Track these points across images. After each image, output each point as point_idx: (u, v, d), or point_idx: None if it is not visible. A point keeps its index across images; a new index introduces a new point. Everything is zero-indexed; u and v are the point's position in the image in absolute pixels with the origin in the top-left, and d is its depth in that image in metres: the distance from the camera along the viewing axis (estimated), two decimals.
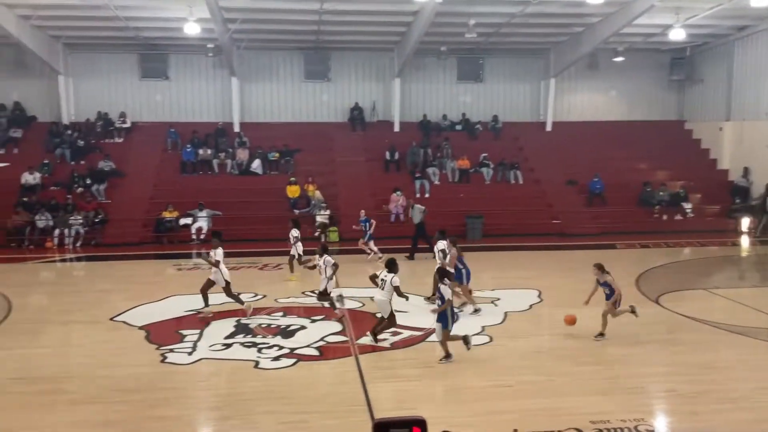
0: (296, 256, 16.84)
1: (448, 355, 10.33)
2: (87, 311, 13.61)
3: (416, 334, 11.89)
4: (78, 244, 21.44)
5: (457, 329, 10.55)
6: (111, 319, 12.99)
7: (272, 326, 12.43)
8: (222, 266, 13.09)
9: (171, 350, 11.12)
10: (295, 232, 17.01)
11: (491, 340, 11.59)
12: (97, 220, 22.02)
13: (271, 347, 11.24)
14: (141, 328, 12.38)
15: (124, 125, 26.34)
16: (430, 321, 12.39)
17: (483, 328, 12.19)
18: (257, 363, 10.54)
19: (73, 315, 13.41)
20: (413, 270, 17.22)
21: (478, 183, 25.84)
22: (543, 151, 27.13)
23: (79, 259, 20.16)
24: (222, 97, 27.43)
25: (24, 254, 20.18)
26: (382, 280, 11.16)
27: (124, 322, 12.78)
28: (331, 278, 12.76)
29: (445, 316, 10.28)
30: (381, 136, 27.14)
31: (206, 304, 13.15)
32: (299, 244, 16.93)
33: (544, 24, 24.30)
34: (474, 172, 26.05)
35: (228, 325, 12.57)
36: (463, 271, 13.43)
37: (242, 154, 25.62)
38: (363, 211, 20.19)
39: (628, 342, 11.36)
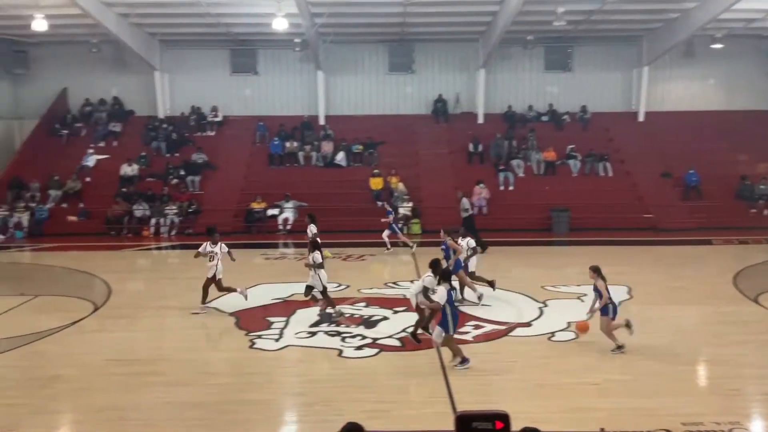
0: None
1: (463, 360, 9.71)
2: (180, 297, 14.20)
3: (499, 328, 11.76)
4: (172, 233, 22.41)
5: (542, 325, 10.32)
6: (192, 312, 13.47)
7: (355, 316, 12.59)
8: (219, 261, 13.13)
9: (259, 336, 11.46)
10: (314, 228, 17.03)
11: (577, 336, 11.30)
12: (190, 210, 22.95)
13: (354, 336, 11.39)
14: (231, 314, 12.82)
15: (216, 119, 27.26)
16: (514, 315, 12.24)
17: (568, 324, 11.91)
18: (341, 351, 10.71)
19: (167, 301, 14.04)
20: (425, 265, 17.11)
21: (564, 175, 25.20)
22: (634, 142, 26.14)
23: (173, 248, 21.05)
24: (308, 90, 27.91)
25: (122, 242, 21.26)
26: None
27: (216, 309, 13.26)
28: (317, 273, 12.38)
29: (445, 320, 9.70)
30: (464, 127, 26.91)
31: (203, 301, 13.10)
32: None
33: (636, 10, 23.37)
34: (560, 164, 25.42)
35: (313, 313, 12.82)
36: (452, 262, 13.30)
37: (327, 147, 26.02)
38: (385, 203, 20.58)
39: (723, 342, 10.83)
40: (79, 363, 10.35)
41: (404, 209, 22.93)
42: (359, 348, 10.85)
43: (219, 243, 13.34)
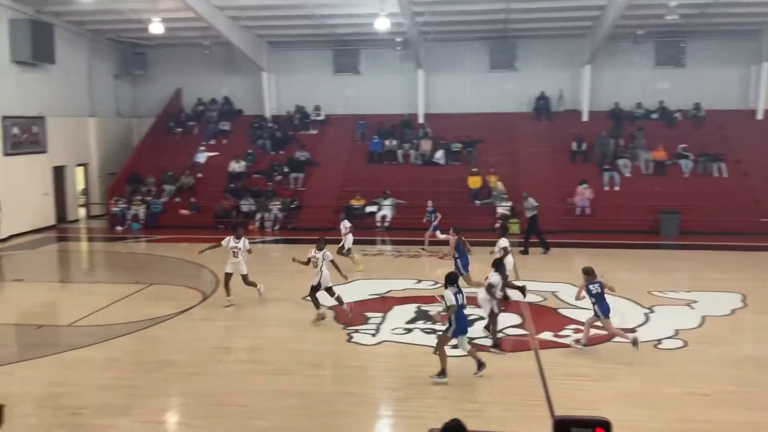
0: (343, 248, 16.59)
1: (441, 372, 9.28)
2: (282, 290, 14.67)
3: (601, 333, 11.39)
4: (276, 228, 23.17)
5: (647, 331, 9.93)
6: (303, 298, 13.88)
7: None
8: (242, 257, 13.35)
9: (356, 331, 11.67)
10: (347, 223, 16.86)
11: (685, 344, 10.79)
12: (293, 206, 23.64)
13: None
14: (329, 308, 13.12)
15: (319, 118, 27.92)
16: (617, 320, 11.84)
17: (676, 331, 11.38)
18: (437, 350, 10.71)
19: (269, 293, 14.50)
20: (524, 264, 16.66)
21: (675, 176, 24.01)
22: (752, 142, 24.53)
23: (276, 242, 21.74)
24: (408, 89, 28.06)
25: (229, 235, 22.14)
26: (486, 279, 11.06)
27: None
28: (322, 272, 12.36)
29: (451, 324, 9.40)
30: (567, 125, 26.19)
31: (228, 294, 13.33)
32: (350, 236, 16.76)
33: (756, 2, 21.91)
34: (671, 164, 24.24)
35: (409, 310, 12.92)
36: (459, 261, 13.61)
37: (426, 145, 26.08)
38: (430, 201, 19.89)
39: None
40: (188, 349, 10.92)
41: (503, 208, 22.62)
42: (455, 347, 10.81)
43: (242, 239, 13.64)
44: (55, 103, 24.15)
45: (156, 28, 22.70)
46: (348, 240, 16.82)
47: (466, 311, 11.79)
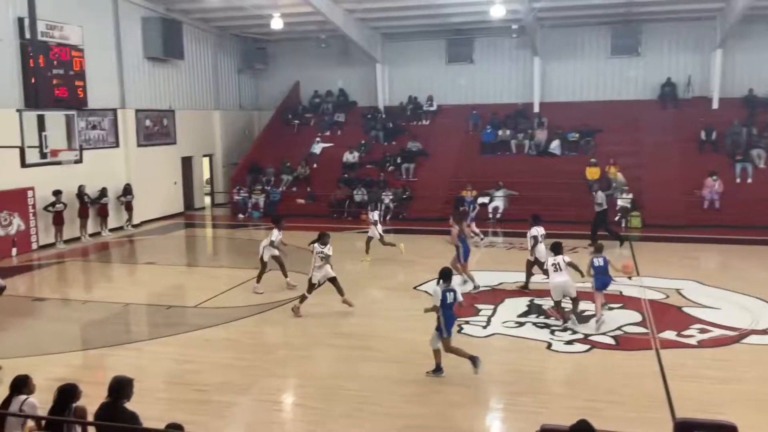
0: (377, 237, 16.78)
1: (437, 369, 9.16)
2: (393, 279, 14.85)
3: (729, 333, 10.71)
4: (388, 218, 23.42)
5: None
6: (414, 288, 13.99)
7: (567, 310, 12.21)
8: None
9: (467, 322, 11.61)
10: (375, 216, 16.71)
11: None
12: (404, 197, 23.81)
13: (564, 330, 11.08)
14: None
15: (431, 108, 27.91)
16: (748, 321, 11.11)
17: None
18: (550, 344, 10.49)
19: (380, 281, 14.76)
20: (645, 259, 16.11)
21: None
22: None
23: (387, 231, 21.92)
24: (523, 77, 27.47)
25: (343, 224, 22.63)
26: (554, 264, 11.30)
27: (426, 292, 13.62)
28: (320, 267, 12.12)
29: (439, 323, 9.11)
30: (696, 113, 24.67)
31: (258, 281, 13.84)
32: (379, 225, 16.90)
33: None
34: None
35: (521, 303, 12.69)
36: (461, 248, 13.60)
37: (541, 135, 25.43)
38: (470, 192, 20.23)
39: None
40: (303, 333, 11.29)
41: (623, 201, 21.70)
42: (569, 343, 10.54)
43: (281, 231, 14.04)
44: (183, 97, 25.62)
45: (276, 23, 23.53)
46: (378, 229, 17.04)
47: (583, 305, 11.47)
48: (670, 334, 10.78)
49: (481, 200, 22.93)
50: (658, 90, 25.88)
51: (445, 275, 9.40)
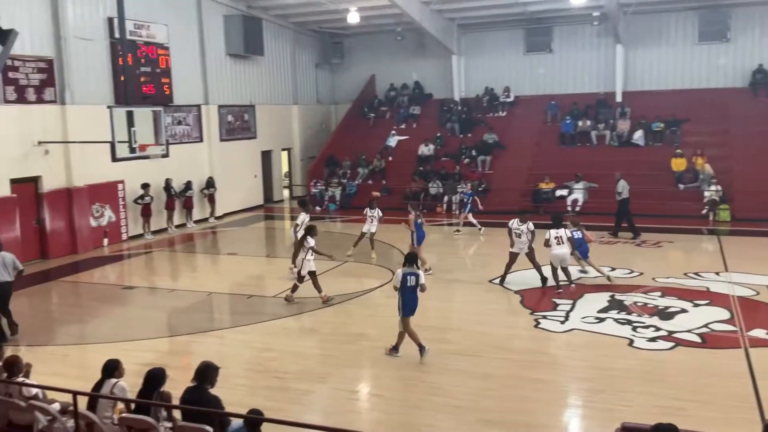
0: (368, 234, 16.23)
1: (395, 347, 9.74)
2: (468, 272, 14.79)
3: None
4: (466, 211, 23.22)
5: None
6: (490, 281, 13.87)
7: (649, 306, 11.84)
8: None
9: (544, 317, 11.43)
10: (371, 211, 16.30)
11: None
12: (480, 189, 23.58)
13: (647, 327, 10.73)
14: (516, 292, 12.97)
15: (508, 99, 27.51)
16: None
17: None
18: (631, 341, 10.18)
19: (456, 274, 14.69)
20: (736, 254, 15.40)
21: None
22: None
23: (463, 224, 21.82)
24: (605, 66, 26.68)
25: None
26: (557, 237, 12.89)
27: (502, 285, 13.52)
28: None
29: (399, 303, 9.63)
30: None
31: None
32: (375, 222, 16.30)
33: None
34: None
35: (601, 298, 12.37)
36: (414, 235, 14.62)
37: (623, 125, 24.63)
38: (468, 184, 21.53)
39: None
40: (379, 324, 11.39)
41: (710, 193, 20.76)
42: (652, 340, 10.20)
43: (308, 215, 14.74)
44: (262, 92, 26.24)
45: (353, 17, 23.73)
46: (372, 227, 16.38)
47: (667, 302, 11.09)
48: (759, 333, 10.28)
49: (559, 192, 22.48)
50: (749, 77, 24.59)
51: (410, 259, 9.81)
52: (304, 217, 14.64)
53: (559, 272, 12.98)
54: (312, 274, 12.63)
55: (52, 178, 17.25)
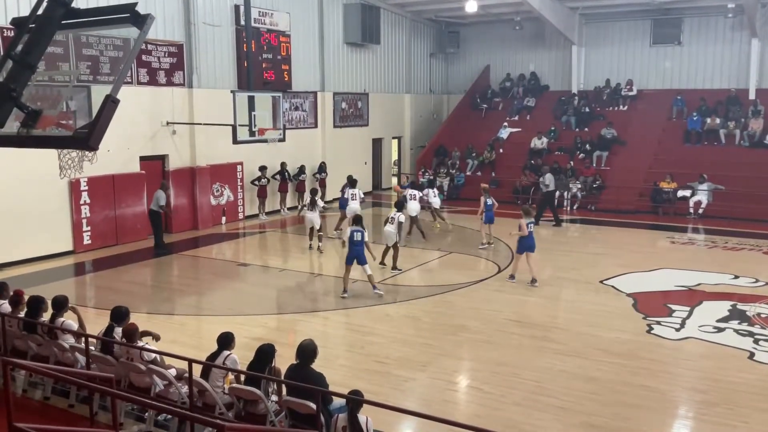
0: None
1: (345, 290, 12.36)
2: (578, 271, 14.31)
3: None
4: (575, 207, 22.58)
5: None
6: (601, 281, 13.39)
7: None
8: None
9: (658, 322, 10.92)
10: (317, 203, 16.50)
11: None
12: (594, 186, 22.78)
13: None
14: (629, 295, 12.46)
15: (630, 93, 26.32)
16: None
17: None
18: (752, 354, 9.55)
19: (565, 273, 14.28)
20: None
21: None
22: None
23: (573, 221, 21.22)
24: (738, 61, 24.96)
25: None
26: (392, 217, 14.41)
27: (613, 287, 13.03)
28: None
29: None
30: None
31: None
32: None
33: None
34: None
35: (722, 307, 11.66)
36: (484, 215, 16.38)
37: (755, 125, 22.95)
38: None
39: None
40: (482, 317, 11.29)
41: None
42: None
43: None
44: (376, 81, 26.53)
45: (471, 6, 23.43)
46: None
47: None
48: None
49: (681, 193, 21.32)
50: None
51: (356, 220, 13.00)
52: (397, 215, 14.63)
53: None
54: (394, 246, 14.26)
55: (178, 157, 18.29)
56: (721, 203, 20.31)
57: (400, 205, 15.35)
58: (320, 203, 16.49)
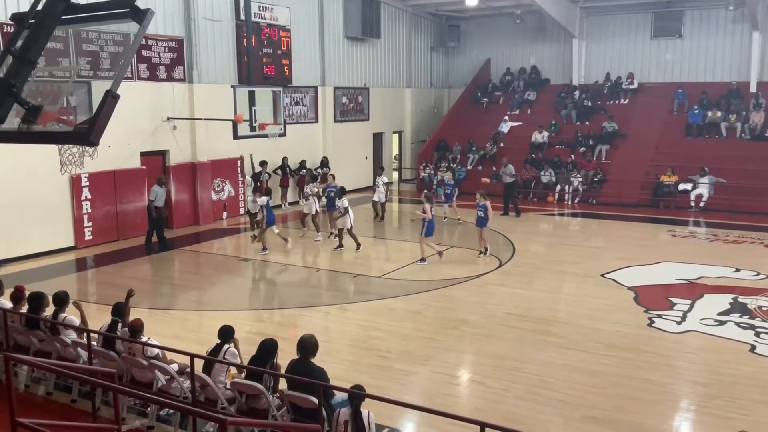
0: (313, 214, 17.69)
1: (264, 249, 15.20)
2: (579, 264, 14.32)
3: None
4: (576, 201, 22.57)
5: None
6: (602, 275, 13.40)
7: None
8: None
9: (659, 316, 10.93)
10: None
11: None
12: (595, 179, 22.76)
13: None
14: (630, 288, 12.46)
15: (631, 86, 26.27)
16: None
17: None
18: (753, 347, 9.56)
19: (566, 266, 14.28)
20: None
21: None
22: None
23: (574, 215, 21.22)
24: (739, 54, 24.89)
25: (528, 206, 22.21)
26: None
27: (614, 280, 13.04)
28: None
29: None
30: None
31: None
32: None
33: None
34: None
35: (723, 300, 11.67)
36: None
37: (757, 118, 22.91)
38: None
39: None
40: (483, 311, 11.31)
41: None
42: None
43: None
44: (377, 75, 26.49)
45: (471, 0, 23.39)
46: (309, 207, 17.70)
47: None
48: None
49: (682, 186, 21.30)
50: None
51: (267, 192, 15.47)
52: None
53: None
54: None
55: (179, 152, 18.29)
56: (723, 196, 20.30)
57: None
58: (314, 188, 17.36)
